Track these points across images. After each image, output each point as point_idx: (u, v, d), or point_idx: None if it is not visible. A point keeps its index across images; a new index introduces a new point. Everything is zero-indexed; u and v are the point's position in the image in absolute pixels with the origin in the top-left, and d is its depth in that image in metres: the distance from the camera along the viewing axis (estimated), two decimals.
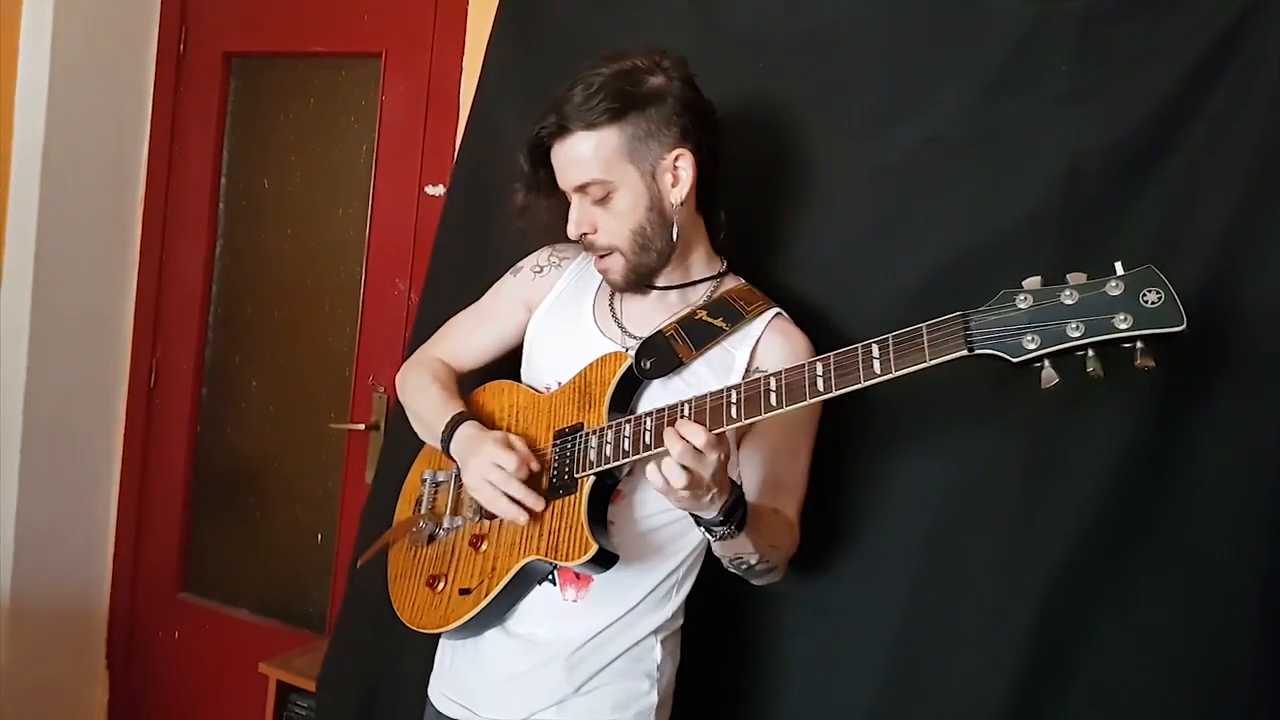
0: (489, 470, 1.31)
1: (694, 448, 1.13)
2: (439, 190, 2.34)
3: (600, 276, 1.45)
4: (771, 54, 1.64)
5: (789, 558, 1.38)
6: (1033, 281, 1.06)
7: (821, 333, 1.44)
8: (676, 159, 1.34)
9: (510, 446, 1.33)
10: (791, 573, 1.44)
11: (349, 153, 2.51)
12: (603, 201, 1.34)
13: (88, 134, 2.62)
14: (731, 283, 1.45)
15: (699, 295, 1.43)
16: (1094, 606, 1.41)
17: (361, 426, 2.43)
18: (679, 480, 1.13)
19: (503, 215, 1.82)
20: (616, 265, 1.37)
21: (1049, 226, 1.45)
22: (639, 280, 1.39)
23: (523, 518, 1.30)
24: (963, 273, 1.48)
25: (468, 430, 1.39)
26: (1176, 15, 1.42)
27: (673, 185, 1.35)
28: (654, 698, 1.38)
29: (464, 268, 1.87)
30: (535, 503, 1.30)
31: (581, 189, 1.34)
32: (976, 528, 1.47)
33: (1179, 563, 1.38)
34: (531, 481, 1.32)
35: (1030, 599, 1.41)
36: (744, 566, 1.33)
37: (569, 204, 1.38)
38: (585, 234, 1.36)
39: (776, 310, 1.41)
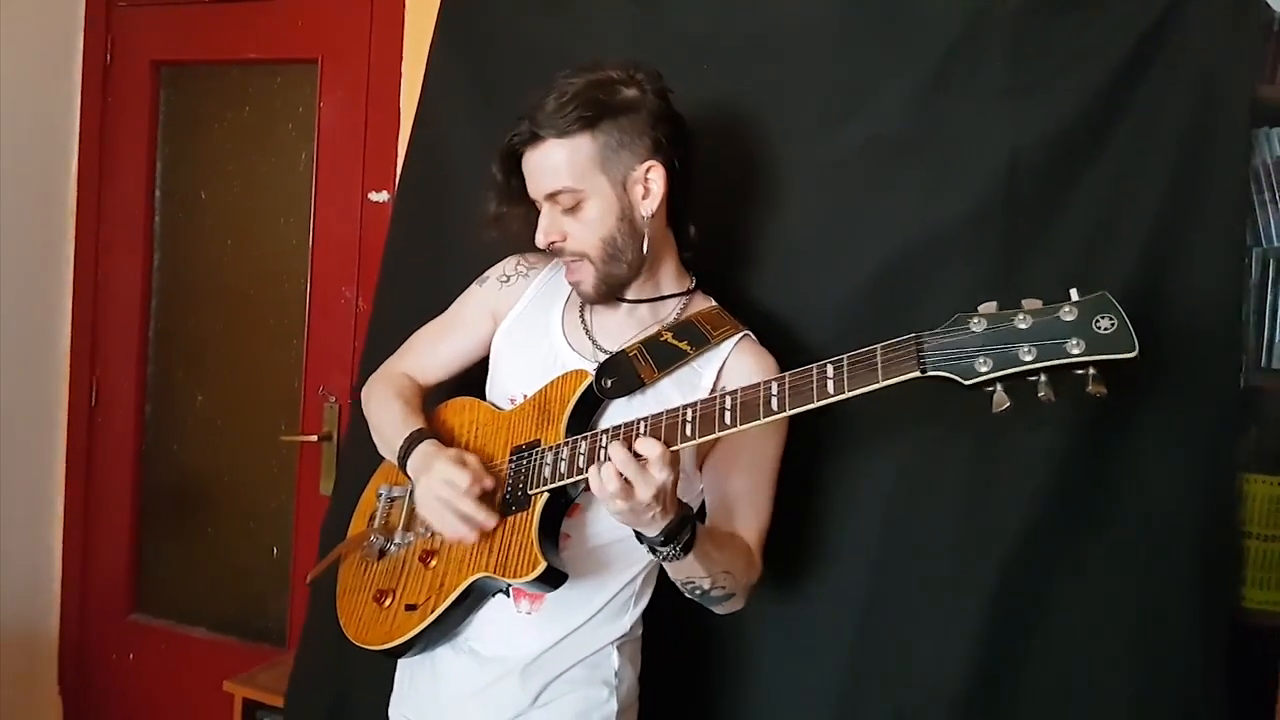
0: (440, 487, 1.30)
1: (634, 456, 1.14)
2: (383, 196, 2.31)
3: (569, 288, 1.45)
4: (714, 56, 1.66)
5: (749, 586, 1.36)
6: (988, 306, 1.07)
7: (768, 330, 1.46)
8: (648, 171, 1.34)
9: (463, 463, 1.31)
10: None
11: (288, 161, 2.47)
12: (573, 210, 1.33)
13: (13, 149, 2.53)
14: (701, 303, 1.45)
15: (668, 312, 1.43)
16: (1046, 586, 1.46)
17: (314, 438, 2.41)
18: (611, 485, 1.13)
19: (453, 221, 1.83)
20: (587, 275, 1.36)
21: (992, 220, 1.50)
22: (609, 291, 1.38)
23: (471, 536, 1.28)
24: (910, 269, 1.53)
25: (425, 448, 1.37)
26: (1103, 12, 1.47)
27: (643, 197, 1.35)
28: (614, 705, 1.38)
29: (416, 275, 1.86)
30: (487, 519, 1.28)
31: (552, 197, 1.33)
32: (930, 519, 1.52)
33: (1124, 541, 1.44)
34: (485, 499, 1.30)
35: (985, 583, 1.47)
36: (698, 592, 1.31)
37: (538, 213, 1.37)
38: (554, 242, 1.35)
39: (745, 333, 1.41)
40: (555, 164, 1.31)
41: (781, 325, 1.54)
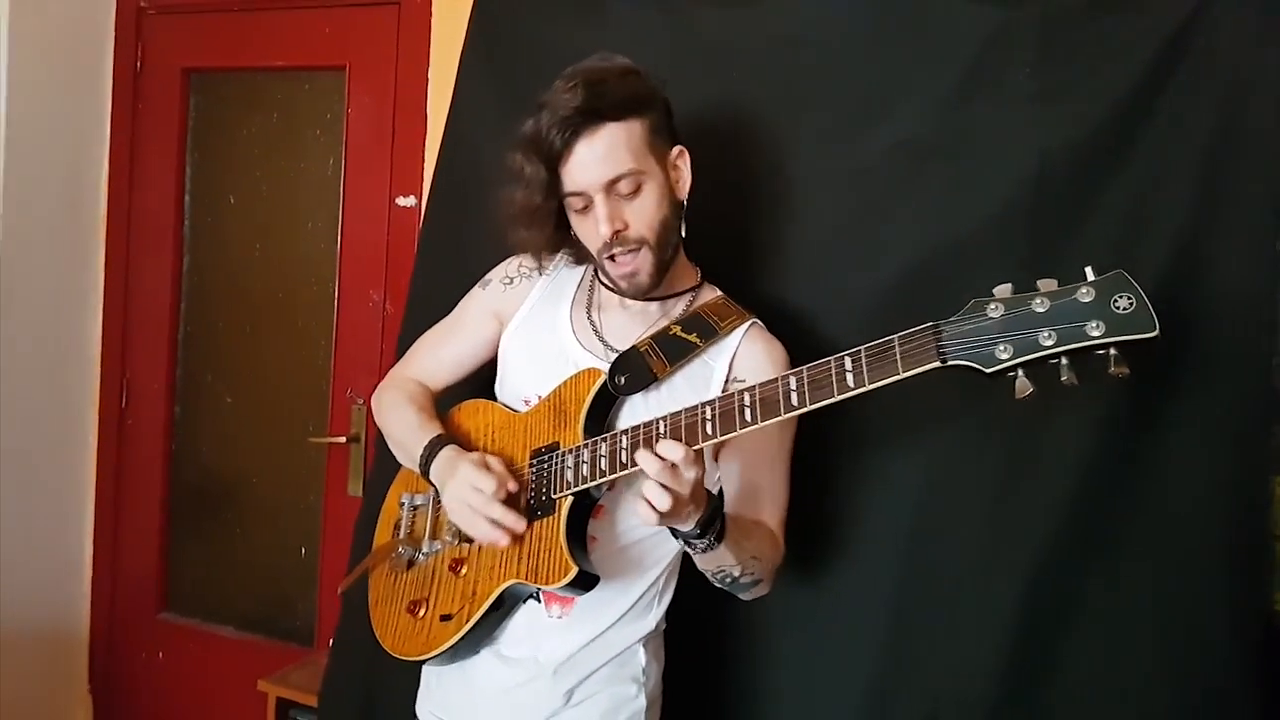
0: (467, 494, 1.30)
1: (671, 465, 1.14)
2: (410, 201, 2.34)
3: (574, 288, 1.45)
4: (744, 62, 1.68)
5: (775, 570, 1.38)
6: (1004, 289, 1.06)
7: (797, 335, 1.47)
8: (678, 156, 1.37)
9: (487, 467, 1.32)
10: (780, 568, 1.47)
11: (316, 166, 2.50)
12: (632, 195, 1.32)
13: (46, 155, 2.57)
14: (708, 294, 1.45)
15: (678, 308, 1.43)
16: (1076, 585, 1.47)
17: (342, 439, 2.43)
18: (663, 502, 1.13)
19: (484, 228, 1.84)
20: (645, 263, 1.34)
21: (1018, 224, 1.51)
22: (659, 280, 1.37)
23: (503, 540, 1.28)
24: (935, 272, 1.54)
25: (447, 454, 1.37)
26: (1131, 16, 1.48)
27: (678, 181, 1.37)
28: (642, 701, 1.40)
29: (447, 282, 1.86)
30: (516, 523, 1.28)
31: (613, 183, 1.30)
32: (959, 517, 1.53)
33: (1154, 541, 1.45)
34: (510, 502, 1.31)
35: (1015, 582, 1.48)
36: (729, 580, 1.33)
37: (563, 215, 1.37)
38: (618, 231, 1.32)
39: (752, 320, 1.42)
40: (616, 147, 1.29)
41: (808, 328, 1.55)
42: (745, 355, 1.38)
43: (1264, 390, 1.50)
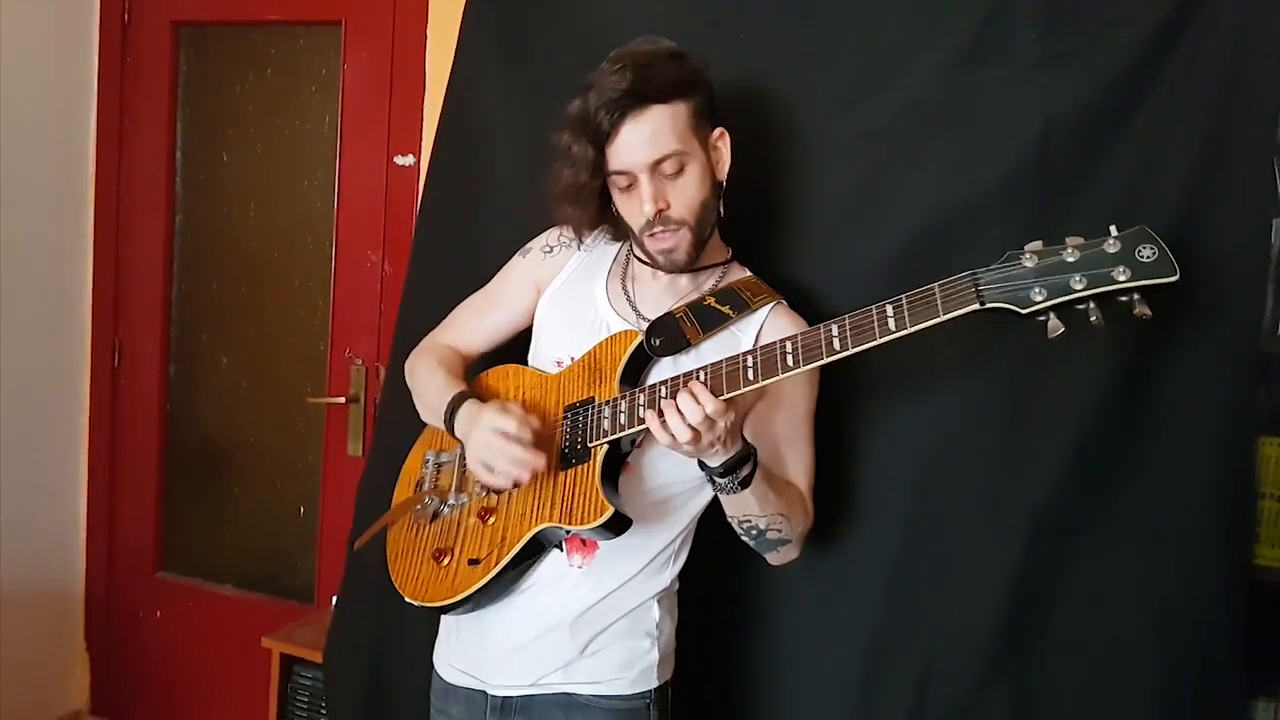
0: (489, 437, 1.33)
1: (706, 413, 1.20)
2: (409, 160, 2.33)
3: (610, 259, 1.49)
4: (748, 26, 1.67)
5: (803, 535, 1.43)
6: (1035, 244, 1.15)
7: (807, 302, 1.50)
8: (719, 137, 1.41)
9: (506, 410, 1.35)
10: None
11: (311, 124, 2.48)
12: (676, 175, 1.36)
13: (32, 114, 2.54)
14: (738, 273, 1.50)
15: (708, 283, 1.47)
16: (1073, 541, 1.51)
17: (341, 400, 2.44)
18: (683, 434, 1.20)
19: (486, 188, 1.85)
20: (685, 241, 1.38)
21: (1025, 187, 1.52)
22: (696, 257, 1.41)
23: (525, 476, 1.31)
24: (943, 236, 1.55)
25: (469, 406, 1.41)
26: None
27: (718, 162, 1.41)
28: (655, 655, 1.44)
29: (450, 243, 1.88)
30: (537, 459, 1.31)
31: (658, 163, 1.34)
32: (960, 475, 1.56)
33: (1149, 498, 1.49)
34: (537, 444, 1.33)
35: (1014, 538, 1.51)
36: (754, 531, 1.38)
37: (606, 192, 1.41)
38: (661, 210, 1.36)
39: (780, 300, 1.47)
40: (662, 129, 1.33)
41: (813, 293, 1.56)
42: (771, 328, 1.42)
43: (1253, 355, 1.54)
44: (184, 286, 2.68)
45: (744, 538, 1.40)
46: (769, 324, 1.43)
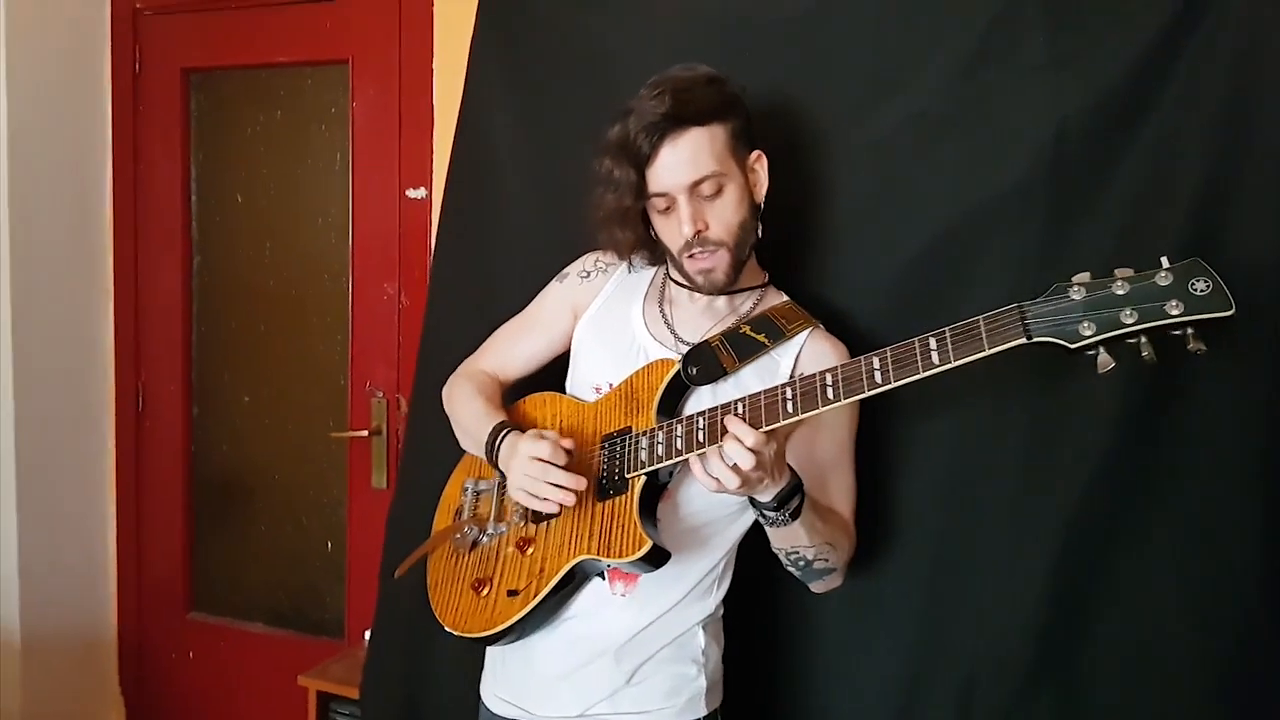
0: (528, 465, 1.33)
1: (745, 446, 1.18)
2: (421, 193, 2.35)
3: (647, 283, 1.50)
4: (755, 41, 1.68)
5: (847, 563, 1.42)
6: (1082, 276, 1.12)
7: (819, 310, 1.50)
8: (756, 160, 1.42)
9: (541, 436, 1.35)
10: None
11: (323, 161, 2.50)
12: (714, 197, 1.37)
13: (49, 163, 2.57)
14: (774, 298, 1.50)
15: (745, 305, 1.47)
16: (1104, 551, 1.49)
17: (364, 433, 2.45)
18: (731, 482, 1.19)
19: (502, 216, 1.86)
20: (723, 263, 1.39)
21: (1037, 191, 1.51)
22: (734, 278, 1.42)
23: (569, 500, 1.30)
24: (957, 244, 1.55)
25: (511, 438, 1.40)
26: None
27: (756, 185, 1.42)
28: (703, 682, 1.43)
29: (467, 271, 1.89)
30: (578, 483, 1.30)
31: (696, 185, 1.35)
32: (991, 484, 1.54)
33: (1185, 498, 1.47)
34: (572, 467, 1.33)
35: (1050, 547, 1.49)
36: (801, 562, 1.36)
37: (643, 216, 1.42)
38: (699, 231, 1.37)
39: (817, 325, 1.46)
40: (700, 151, 1.34)
41: (828, 302, 1.56)
42: (810, 353, 1.42)
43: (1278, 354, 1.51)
44: (203, 328, 2.70)
45: (790, 568, 1.39)
46: (807, 349, 1.43)
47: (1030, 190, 1.52)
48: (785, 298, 1.50)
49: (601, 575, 1.40)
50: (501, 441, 1.41)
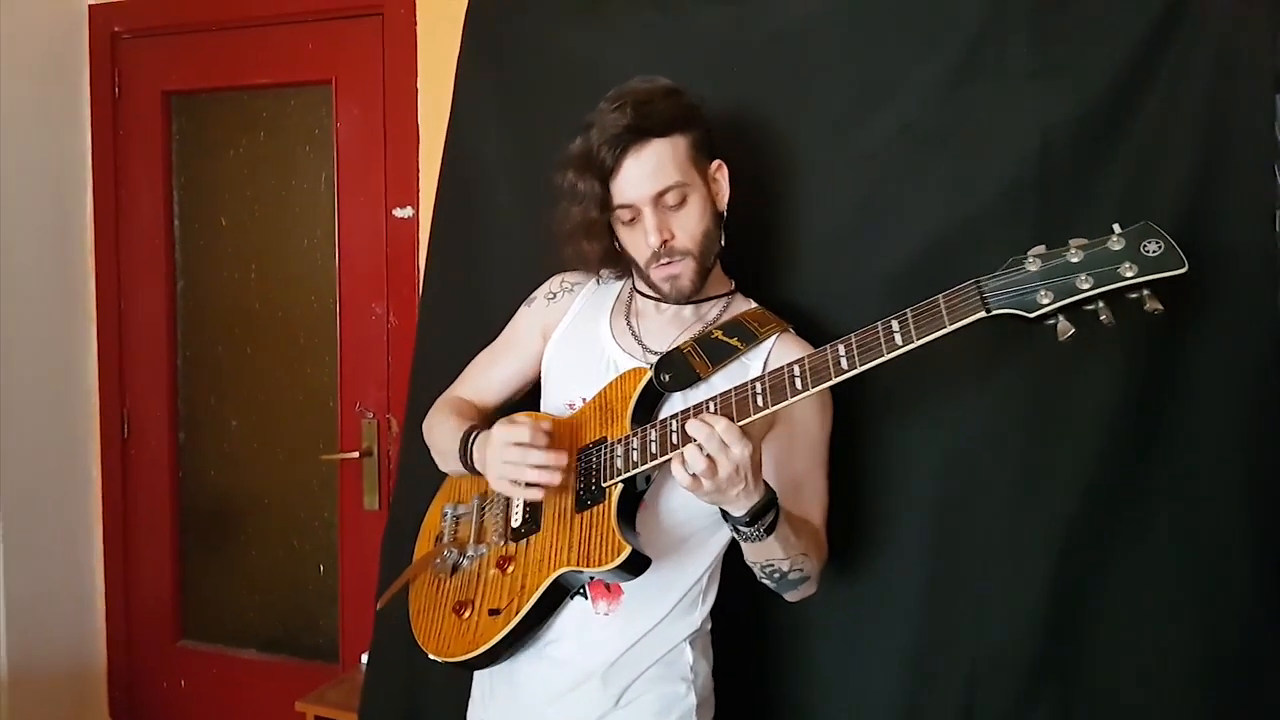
0: (506, 451, 1.31)
1: (719, 437, 1.18)
2: (408, 213, 2.34)
3: (613, 299, 1.50)
4: (740, 57, 1.68)
5: (821, 571, 1.42)
6: (1038, 248, 1.14)
7: (812, 327, 1.50)
8: (717, 169, 1.44)
9: (512, 421, 1.35)
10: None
11: (308, 182, 2.49)
12: (678, 207, 1.38)
13: (29, 188, 2.55)
14: (742, 304, 1.51)
15: (712, 313, 1.48)
16: (1105, 545, 1.50)
17: (354, 454, 2.43)
18: (697, 464, 1.17)
19: (491, 234, 1.86)
20: (688, 270, 1.40)
21: (1025, 201, 1.52)
22: (700, 285, 1.42)
23: (555, 479, 1.30)
24: (945, 254, 1.55)
25: (481, 436, 1.41)
26: None
27: (718, 194, 1.44)
28: (693, 699, 1.41)
29: (458, 290, 1.89)
30: (559, 459, 1.30)
31: (660, 195, 1.37)
32: (985, 486, 1.55)
33: (1179, 495, 1.48)
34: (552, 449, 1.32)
35: (1045, 542, 1.50)
36: (776, 575, 1.36)
37: (609, 229, 1.42)
38: (665, 241, 1.38)
39: (787, 328, 1.47)
40: (663, 162, 1.36)
41: (816, 318, 1.56)
42: (779, 355, 1.42)
43: (1270, 349, 1.53)
44: (189, 352, 2.68)
45: (765, 580, 1.38)
46: (776, 351, 1.43)
47: (1019, 200, 1.53)
48: (753, 304, 1.51)
49: (583, 592, 1.38)
50: (473, 443, 1.41)
